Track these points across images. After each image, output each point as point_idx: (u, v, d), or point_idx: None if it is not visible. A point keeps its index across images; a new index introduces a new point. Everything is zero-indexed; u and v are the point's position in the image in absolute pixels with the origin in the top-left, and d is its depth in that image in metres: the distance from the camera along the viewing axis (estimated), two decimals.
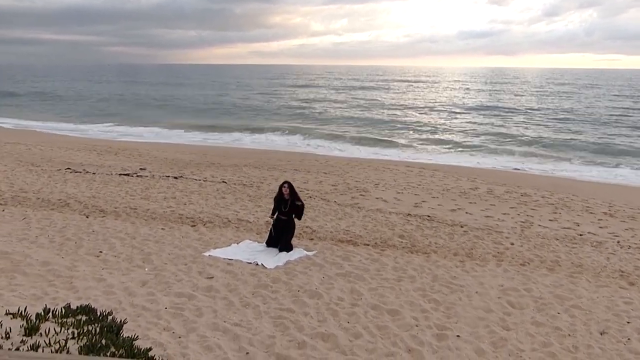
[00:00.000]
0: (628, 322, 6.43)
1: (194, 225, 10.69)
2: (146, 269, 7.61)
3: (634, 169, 21.62)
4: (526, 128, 33.89)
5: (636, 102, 53.96)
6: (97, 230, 9.62)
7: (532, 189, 16.34)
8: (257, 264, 8.13)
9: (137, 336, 5.31)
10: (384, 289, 7.15)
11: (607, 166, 22.17)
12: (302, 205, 9.13)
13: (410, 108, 46.84)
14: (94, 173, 16.59)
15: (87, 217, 10.94)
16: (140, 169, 17.80)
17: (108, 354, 4.86)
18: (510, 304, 6.84)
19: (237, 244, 9.15)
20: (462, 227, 11.82)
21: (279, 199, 9.17)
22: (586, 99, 57.73)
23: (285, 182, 9.17)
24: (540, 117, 40.47)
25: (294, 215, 9.12)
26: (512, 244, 10.51)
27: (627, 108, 47.23)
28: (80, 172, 16.74)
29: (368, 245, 9.67)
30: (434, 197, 14.94)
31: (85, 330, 5.25)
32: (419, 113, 42.92)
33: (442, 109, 46.34)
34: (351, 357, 5.29)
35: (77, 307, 5.82)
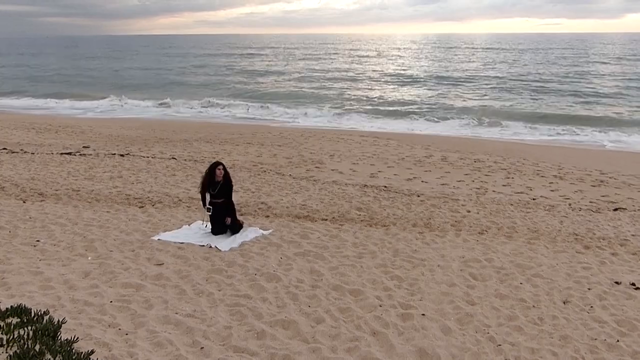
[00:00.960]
0: (589, 289, 6.35)
1: (142, 207, 10.02)
2: (89, 258, 6.97)
3: (576, 134, 22.14)
4: (473, 94, 34.21)
5: (571, 67, 55.57)
6: (35, 217, 8.82)
7: (484, 154, 16.38)
8: (211, 247, 7.62)
9: (78, 337, 4.76)
10: (345, 268, 6.81)
11: (552, 131, 22.60)
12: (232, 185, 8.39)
13: (358, 78, 46.44)
14: (32, 153, 15.43)
15: (24, 202, 10.05)
16: (84, 147, 16.72)
17: None
18: (472, 276, 6.64)
19: (189, 225, 8.58)
20: (418, 196, 11.64)
21: (208, 183, 8.11)
22: (525, 66, 58.89)
23: (219, 163, 8.30)
24: (486, 83, 40.96)
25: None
26: (469, 211, 10.39)
27: (566, 74, 48.53)
28: (17, 152, 15.54)
29: (326, 220, 9.31)
30: (389, 167, 14.73)
31: (16, 336, 4.66)
32: (368, 82, 42.59)
33: (391, 78, 46.17)
34: (314, 345, 4.93)
35: (8, 308, 5.18)
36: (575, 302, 5.97)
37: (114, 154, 15.61)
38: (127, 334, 5.02)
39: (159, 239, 7.87)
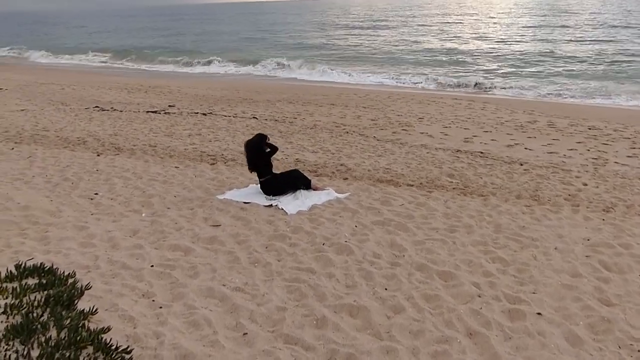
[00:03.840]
0: None
1: (214, 164, 9.12)
2: (143, 215, 6.10)
3: None
4: (579, 59, 30.22)
5: None
6: (102, 169, 8.18)
7: (600, 121, 13.86)
8: (278, 208, 6.50)
9: (97, 309, 3.78)
10: (433, 243, 5.38)
11: None
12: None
13: (453, 39, 43.08)
14: (121, 111, 15.23)
15: (98, 155, 9.53)
16: (169, 106, 16.32)
17: (43, 339, 3.39)
18: (604, 265, 4.94)
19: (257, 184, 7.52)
20: (521, 164, 9.78)
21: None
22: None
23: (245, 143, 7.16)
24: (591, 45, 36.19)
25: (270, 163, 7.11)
26: (585, 184, 8.44)
27: None
28: (107, 110, 15.41)
29: (412, 185, 7.85)
30: (486, 132, 12.80)
31: (24, 302, 3.81)
32: (460, 43, 39.34)
33: (488, 39, 42.30)
34: (388, 343, 3.63)
35: (30, 266, 4.37)
36: None
37: (197, 112, 15.03)
38: (160, 307, 4.01)
39: (223, 198, 6.88)
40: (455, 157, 10.13)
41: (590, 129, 13.11)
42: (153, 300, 4.10)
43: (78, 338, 3.15)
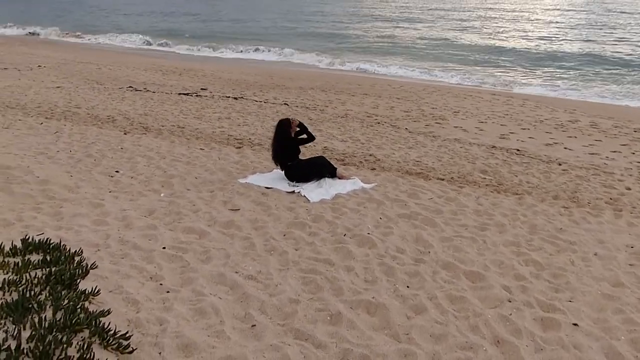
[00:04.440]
0: None
1: (240, 147, 8.91)
2: (162, 194, 5.92)
3: None
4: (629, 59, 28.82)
5: None
6: (126, 148, 8.07)
7: None
8: (301, 195, 6.23)
9: (99, 290, 3.59)
10: (462, 240, 5.02)
11: None
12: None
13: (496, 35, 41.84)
14: (153, 92, 15.19)
15: (125, 133, 9.45)
16: (202, 89, 16.22)
17: (36, 319, 3.19)
18: None
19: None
20: (560, 164, 9.23)
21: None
22: None
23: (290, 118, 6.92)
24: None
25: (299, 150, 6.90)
26: (629, 188, 7.88)
27: None
28: (140, 90, 15.41)
29: (442, 180, 7.46)
30: (524, 129, 12.21)
31: (23, 279, 3.64)
32: (503, 39, 38.12)
33: (530, 36, 40.91)
34: (407, 346, 3.32)
35: (36, 242, 4.21)
36: None
37: (228, 96, 14.88)
38: (168, 292, 3.79)
39: (246, 182, 6.65)
40: (489, 153, 9.65)
41: (635, 131, 12.36)
42: (161, 284, 3.89)
43: (74, 320, 2.94)
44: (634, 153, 10.38)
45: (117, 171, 6.70)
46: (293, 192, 6.35)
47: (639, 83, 21.15)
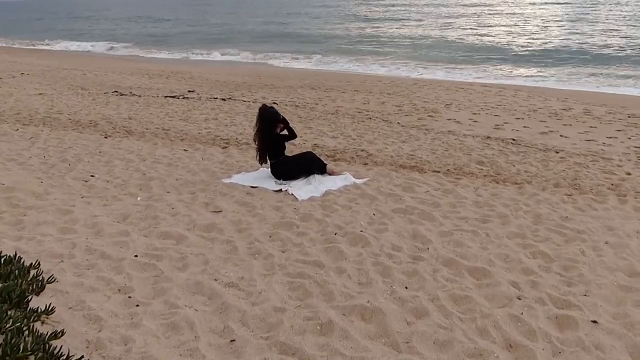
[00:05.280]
0: None
1: (225, 147, 8.47)
2: (138, 198, 5.46)
3: None
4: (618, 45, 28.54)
5: None
6: (105, 151, 7.60)
7: None
8: (288, 193, 5.79)
9: (53, 308, 3.13)
10: (463, 234, 4.59)
11: None
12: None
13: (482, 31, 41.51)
14: (139, 95, 14.71)
15: (105, 137, 8.98)
16: (189, 91, 15.74)
17: None
18: None
19: (267, 168, 6.81)
20: (557, 152, 8.86)
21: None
22: None
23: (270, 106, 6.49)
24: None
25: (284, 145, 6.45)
26: (629, 173, 7.52)
27: None
28: (126, 94, 14.92)
29: (438, 172, 7.03)
30: (518, 119, 11.83)
31: None
32: (493, 34, 37.81)
33: (521, 29, 40.58)
34: (407, 356, 2.88)
35: None
36: None
37: (216, 98, 14.42)
38: (137, 306, 3.34)
39: (229, 182, 6.20)
40: (485, 144, 9.26)
41: (629, 117, 12.03)
42: (129, 297, 3.43)
43: (18, 345, 2.49)
44: (629, 138, 10.04)
45: (92, 175, 6.23)
46: (280, 190, 5.91)
47: (629, 71, 20.87)
